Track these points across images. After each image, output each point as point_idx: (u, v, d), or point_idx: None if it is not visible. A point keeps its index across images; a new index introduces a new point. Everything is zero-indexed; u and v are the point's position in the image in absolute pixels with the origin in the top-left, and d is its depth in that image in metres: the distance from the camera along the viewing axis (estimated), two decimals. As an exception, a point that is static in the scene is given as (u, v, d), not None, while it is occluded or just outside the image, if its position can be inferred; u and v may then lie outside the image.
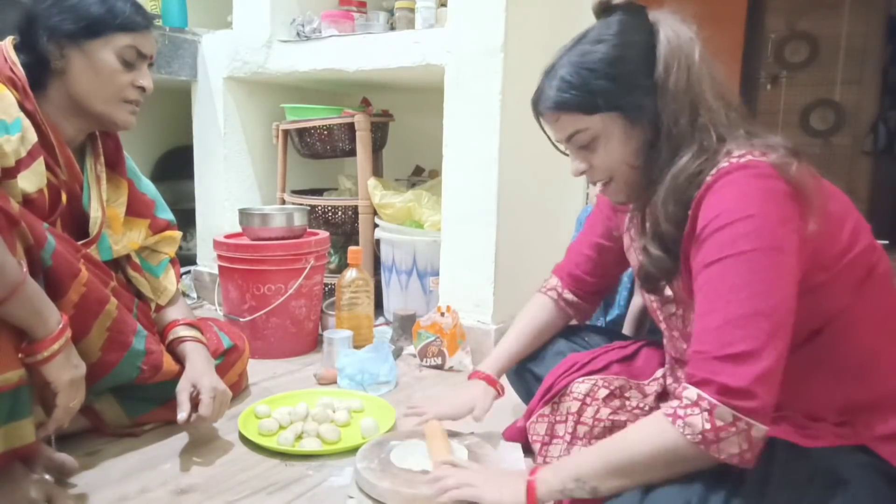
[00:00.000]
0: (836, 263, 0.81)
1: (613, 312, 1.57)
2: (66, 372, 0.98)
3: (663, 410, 0.77)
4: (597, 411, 1.05)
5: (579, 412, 1.06)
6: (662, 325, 1.01)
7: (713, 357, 0.74)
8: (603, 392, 1.06)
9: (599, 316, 1.56)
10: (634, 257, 1.06)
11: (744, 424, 0.71)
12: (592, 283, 1.21)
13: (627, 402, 1.05)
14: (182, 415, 1.17)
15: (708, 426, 0.72)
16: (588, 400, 1.06)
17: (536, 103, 0.93)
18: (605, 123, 0.87)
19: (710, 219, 0.79)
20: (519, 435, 1.18)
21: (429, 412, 1.18)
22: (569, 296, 1.23)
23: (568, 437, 1.06)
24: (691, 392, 0.74)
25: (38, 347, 0.94)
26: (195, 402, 1.20)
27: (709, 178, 0.81)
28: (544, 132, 0.97)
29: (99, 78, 1.14)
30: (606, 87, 0.85)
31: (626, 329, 1.50)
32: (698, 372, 0.75)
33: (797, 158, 0.80)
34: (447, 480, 0.91)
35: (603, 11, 0.90)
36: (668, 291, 0.94)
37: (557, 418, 1.09)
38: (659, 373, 1.08)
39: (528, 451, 1.17)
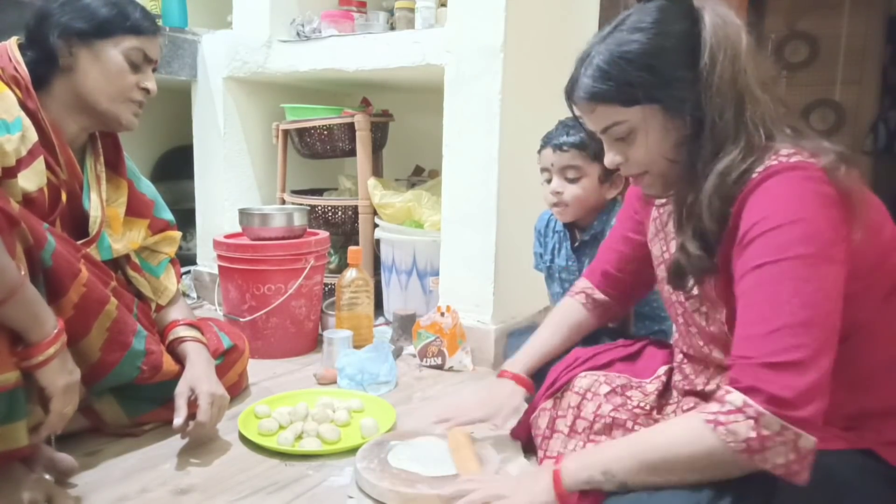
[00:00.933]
0: (871, 273, 0.79)
1: None
2: (61, 377, 0.98)
3: (703, 415, 0.73)
4: (598, 407, 1.04)
5: (579, 407, 1.05)
6: (680, 320, 0.99)
7: (761, 364, 0.71)
8: (604, 388, 1.05)
9: None
10: (658, 249, 1.03)
11: (791, 434, 0.68)
12: (624, 279, 1.17)
13: (629, 401, 1.05)
14: (178, 420, 1.17)
15: (753, 434, 0.69)
16: (588, 395, 1.06)
17: (570, 92, 0.88)
18: (644, 116, 0.83)
19: (758, 219, 0.75)
20: (524, 431, 1.18)
21: (455, 418, 1.15)
22: (599, 296, 1.19)
23: (566, 431, 1.05)
24: (736, 397, 0.71)
25: (33, 351, 0.94)
26: (193, 407, 1.19)
27: (755, 176, 0.77)
28: (577, 120, 0.92)
29: (106, 76, 1.17)
30: (646, 79, 0.81)
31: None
32: (744, 378, 0.71)
33: (846, 164, 0.76)
34: (474, 494, 0.88)
35: None
36: (695, 290, 0.91)
37: (559, 413, 1.08)
38: (661, 370, 1.08)
39: (529, 449, 1.17)
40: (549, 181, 1.41)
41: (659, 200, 1.02)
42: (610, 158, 0.90)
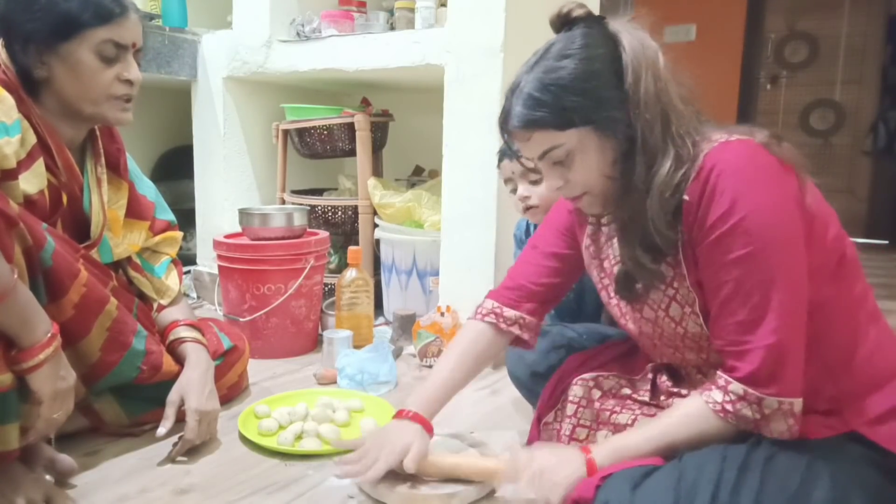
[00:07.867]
0: (818, 246, 0.84)
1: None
2: (51, 383, 0.96)
3: (709, 404, 0.83)
4: (595, 416, 1.06)
5: (575, 415, 1.07)
6: (644, 339, 1.00)
7: (756, 349, 0.79)
8: (596, 393, 1.07)
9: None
10: (597, 275, 1.04)
11: (787, 405, 0.80)
12: (540, 291, 1.11)
13: (622, 401, 1.06)
14: (162, 430, 1.17)
15: (758, 416, 0.81)
16: (583, 402, 1.07)
17: (504, 123, 0.92)
18: (580, 138, 0.86)
19: (723, 210, 0.81)
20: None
21: (367, 475, 1.00)
22: (510, 312, 1.11)
23: (566, 441, 1.07)
24: (737, 387, 0.81)
25: (23, 356, 0.93)
26: (184, 414, 1.19)
27: (700, 161, 0.83)
28: (511, 150, 0.96)
29: (81, 80, 1.10)
30: (579, 103, 0.85)
31: (604, 320, 1.49)
32: (742, 366, 0.81)
33: (778, 140, 0.84)
34: (521, 462, 0.93)
35: (563, 25, 0.90)
36: (648, 301, 0.94)
37: (562, 426, 1.09)
38: (648, 367, 1.08)
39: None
40: (514, 191, 1.37)
41: (588, 228, 1.05)
42: (550, 183, 0.93)
